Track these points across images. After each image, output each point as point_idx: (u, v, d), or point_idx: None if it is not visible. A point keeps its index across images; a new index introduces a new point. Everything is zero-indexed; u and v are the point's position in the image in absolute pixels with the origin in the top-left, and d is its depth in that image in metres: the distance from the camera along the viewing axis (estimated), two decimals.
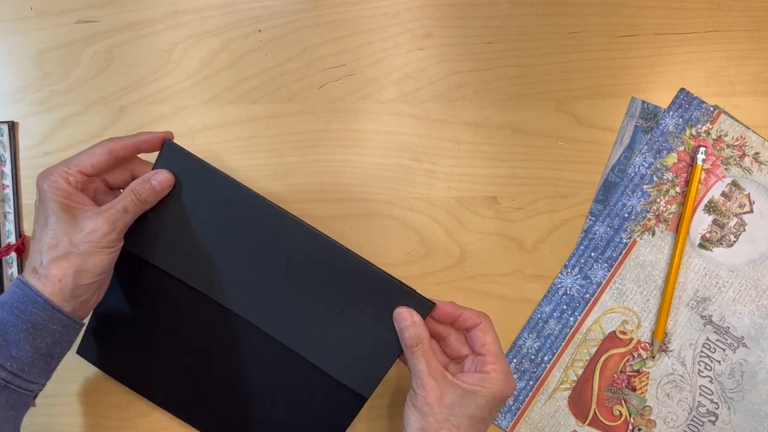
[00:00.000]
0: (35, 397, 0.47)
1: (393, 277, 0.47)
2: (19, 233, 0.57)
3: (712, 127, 0.59)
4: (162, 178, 0.48)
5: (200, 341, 0.52)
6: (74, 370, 0.57)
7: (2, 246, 0.57)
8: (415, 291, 0.47)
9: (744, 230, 0.58)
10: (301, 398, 0.51)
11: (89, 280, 0.45)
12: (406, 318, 0.46)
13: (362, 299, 0.48)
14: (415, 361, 0.45)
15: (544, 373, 0.58)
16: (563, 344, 0.58)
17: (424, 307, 0.47)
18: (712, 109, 0.59)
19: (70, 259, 0.44)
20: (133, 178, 0.50)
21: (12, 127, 0.58)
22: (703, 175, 0.58)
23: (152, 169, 0.49)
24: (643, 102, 0.59)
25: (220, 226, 0.49)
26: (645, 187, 0.58)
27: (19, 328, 0.43)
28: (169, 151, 0.49)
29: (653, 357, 0.58)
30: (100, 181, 0.49)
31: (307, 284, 0.49)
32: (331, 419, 0.51)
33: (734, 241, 0.58)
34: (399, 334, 0.47)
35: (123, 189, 0.51)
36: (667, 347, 0.58)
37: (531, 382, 0.58)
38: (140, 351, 0.53)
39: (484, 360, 0.46)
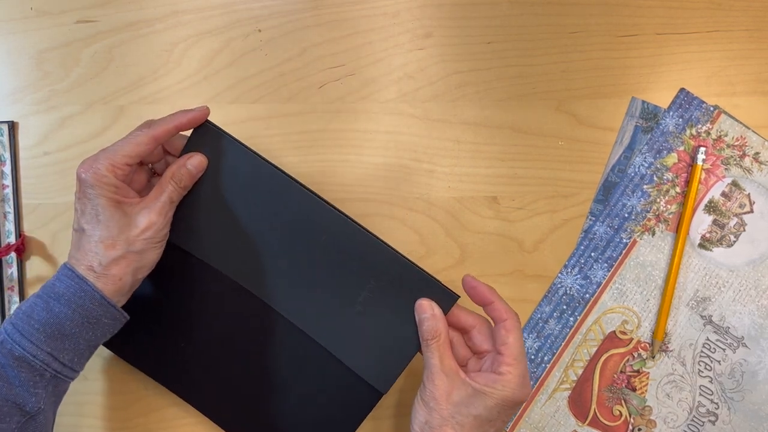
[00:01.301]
0: None
1: (419, 268, 0.47)
2: (19, 233, 0.57)
3: (712, 127, 0.59)
4: (197, 162, 0.48)
5: (220, 326, 0.52)
6: None
7: (2, 246, 0.57)
8: (440, 282, 0.47)
9: (744, 230, 0.58)
10: (317, 390, 0.51)
11: (144, 274, 0.47)
12: (426, 310, 0.46)
13: (387, 289, 0.48)
14: (429, 354, 0.45)
15: (544, 373, 0.58)
16: (563, 344, 0.58)
17: (448, 300, 0.47)
18: (712, 109, 0.59)
19: (129, 258, 0.45)
20: (164, 152, 0.50)
21: (12, 127, 0.58)
22: (703, 175, 0.58)
23: (184, 150, 0.49)
24: (643, 102, 0.59)
25: (248, 208, 0.49)
26: (645, 187, 0.58)
27: (75, 322, 0.43)
28: (203, 132, 0.48)
29: (653, 357, 0.58)
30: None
31: (334, 272, 0.48)
32: (346, 414, 0.51)
33: (734, 241, 0.58)
34: (418, 325, 0.47)
35: (152, 164, 0.51)
36: (667, 347, 0.58)
37: (531, 382, 0.58)
38: (157, 334, 0.53)
39: (501, 360, 0.45)
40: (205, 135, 0.49)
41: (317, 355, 0.50)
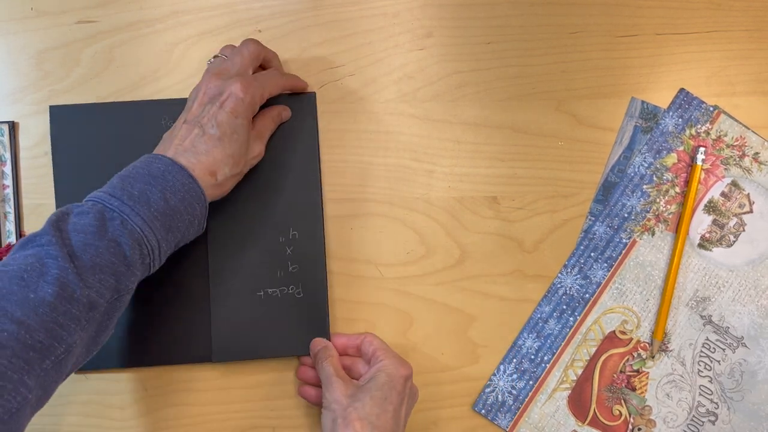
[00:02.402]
0: None
1: (327, 312, 0.55)
2: (20, 233, 0.57)
3: (712, 127, 0.59)
4: (287, 116, 0.56)
5: None
6: None
7: (2, 246, 0.57)
8: (328, 334, 0.55)
9: (743, 230, 0.58)
10: (176, 317, 0.55)
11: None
12: (318, 344, 0.54)
13: (293, 303, 0.55)
14: (324, 369, 0.51)
15: (544, 373, 0.58)
16: (563, 344, 0.58)
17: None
18: (711, 109, 0.59)
19: (238, 176, 0.52)
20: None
21: (12, 127, 0.58)
22: (703, 175, 0.58)
23: (281, 100, 0.56)
24: (643, 102, 0.59)
25: (273, 168, 0.56)
26: (645, 187, 0.59)
27: (183, 219, 0.46)
28: (306, 98, 0.57)
29: (653, 357, 0.58)
30: None
31: (273, 259, 0.55)
32: (176, 351, 0.55)
33: (734, 241, 0.58)
34: (313, 356, 0.54)
35: None
36: (667, 347, 0.58)
37: (531, 382, 0.58)
38: None
39: (375, 357, 0.52)
40: (303, 101, 0.57)
41: (199, 294, 0.55)
